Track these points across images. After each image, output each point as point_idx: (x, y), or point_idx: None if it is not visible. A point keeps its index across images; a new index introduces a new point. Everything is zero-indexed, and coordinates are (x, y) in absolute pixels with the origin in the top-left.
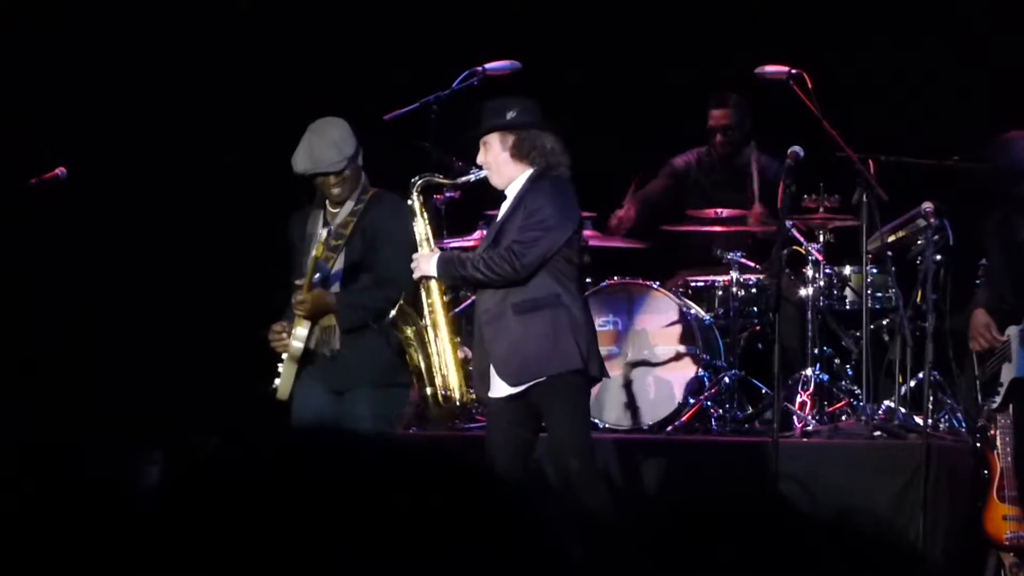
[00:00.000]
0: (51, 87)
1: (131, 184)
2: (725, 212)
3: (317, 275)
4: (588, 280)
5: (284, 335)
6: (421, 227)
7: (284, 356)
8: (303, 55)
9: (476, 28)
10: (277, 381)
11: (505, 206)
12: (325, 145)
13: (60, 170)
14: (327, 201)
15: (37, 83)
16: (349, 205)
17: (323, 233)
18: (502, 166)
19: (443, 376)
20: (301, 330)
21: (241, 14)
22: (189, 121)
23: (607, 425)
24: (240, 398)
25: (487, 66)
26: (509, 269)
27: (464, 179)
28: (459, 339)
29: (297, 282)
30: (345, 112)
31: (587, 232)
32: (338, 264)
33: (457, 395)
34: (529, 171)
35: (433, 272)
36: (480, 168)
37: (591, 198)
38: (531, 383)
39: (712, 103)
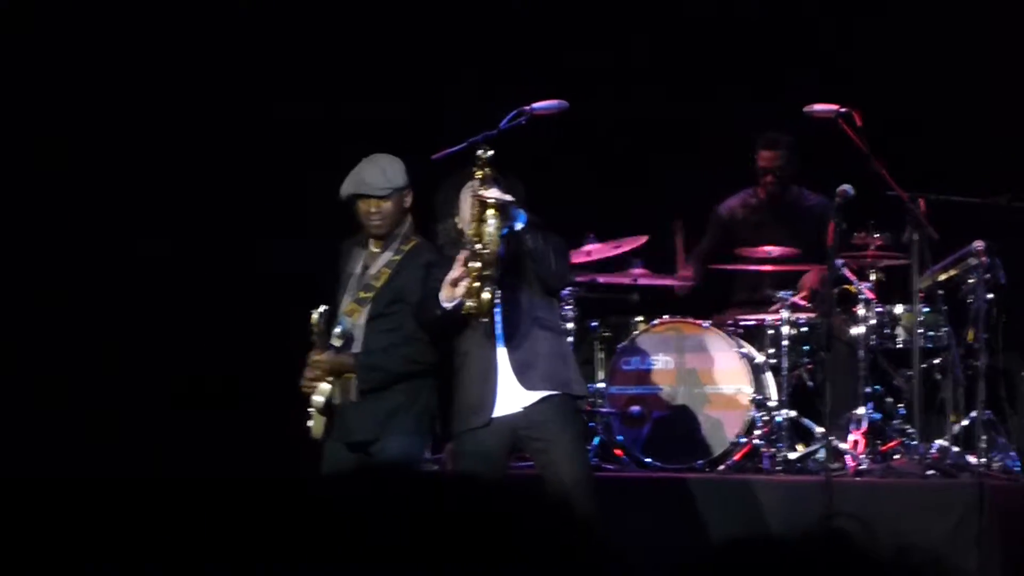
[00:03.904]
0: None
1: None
2: (775, 251)
3: (339, 328)
4: (640, 319)
5: (314, 382)
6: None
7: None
8: (351, 93)
9: (523, 69)
10: (310, 422)
11: None
12: (372, 170)
13: None
14: (370, 240)
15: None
16: (387, 255)
17: (354, 282)
18: None
19: None
20: (325, 384)
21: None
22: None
23: (659, 463)
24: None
25: (534, 105)
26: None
27: None
28: None
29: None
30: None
31: (637, 270)
32: (362, 317)
33: None
34: None
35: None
36: None
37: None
38: None
39: (763, 144)
